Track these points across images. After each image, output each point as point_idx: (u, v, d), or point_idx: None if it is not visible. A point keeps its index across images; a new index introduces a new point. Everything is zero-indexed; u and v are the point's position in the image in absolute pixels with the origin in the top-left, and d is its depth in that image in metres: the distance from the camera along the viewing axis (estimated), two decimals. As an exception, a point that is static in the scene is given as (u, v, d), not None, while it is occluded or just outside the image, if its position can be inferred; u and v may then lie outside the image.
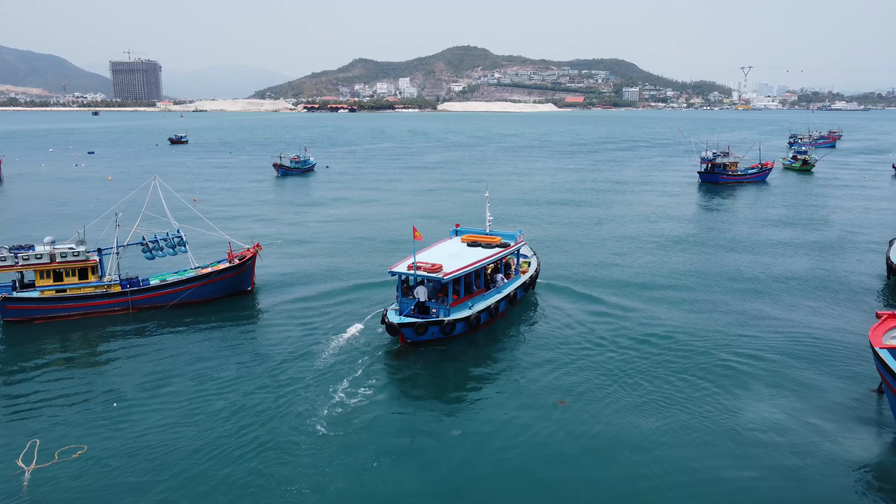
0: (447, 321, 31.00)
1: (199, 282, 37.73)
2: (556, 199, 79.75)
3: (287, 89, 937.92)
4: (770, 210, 71.30)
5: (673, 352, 30.83)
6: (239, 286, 39.70)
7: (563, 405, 25.62)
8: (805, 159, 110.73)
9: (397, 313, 31.75)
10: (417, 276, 31.49)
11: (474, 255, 34.40)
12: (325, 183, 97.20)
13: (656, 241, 55.81)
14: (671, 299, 39.17)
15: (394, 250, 51.69)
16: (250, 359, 30.33)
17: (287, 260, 48.22)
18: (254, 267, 40.31)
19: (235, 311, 37.50)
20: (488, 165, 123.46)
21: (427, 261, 32.51)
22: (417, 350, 30.94)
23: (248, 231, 58.24)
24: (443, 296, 32.04)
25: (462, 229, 40.17)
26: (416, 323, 30.48)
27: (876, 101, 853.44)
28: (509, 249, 36.88)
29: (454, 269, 31.86)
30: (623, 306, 37.28)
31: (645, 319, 35.17)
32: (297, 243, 54.29)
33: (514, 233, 38.99)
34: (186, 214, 47.52)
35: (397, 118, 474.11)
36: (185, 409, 25.26)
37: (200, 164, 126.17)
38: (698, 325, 34.73)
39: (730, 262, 48.12)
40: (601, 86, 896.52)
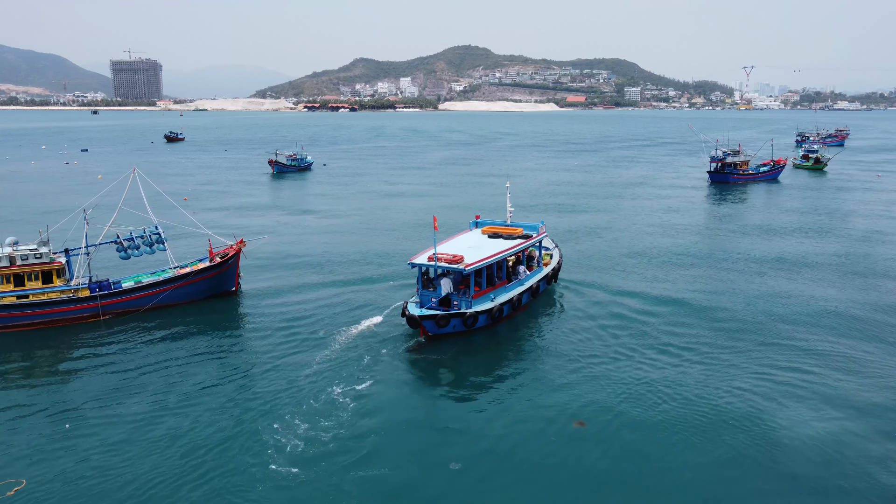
0: (469, 313, 30.02)
1: (177, 283, 34.58)
2: (563, 198, 76.58)
3: (288, 89, 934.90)
4: (789, 210, 68.08)
5: (702, 363, 27.71)
6: (221, 287, 36.55)
7: (581, 427, 22.52)
8: (818, 158, 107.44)
9: (417, 306, 30.53)
10: (438, 267, 30.51)
11: (496, 247, 33.45)
12: (322, 181, 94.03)
13: (670, 241, 52.75)
14: (694, 302, 36.30)
15: (392, 248, 48.64)
16: (231, 367, 27.30)
17: (277, 258, 45.04)
18: (238, 265, 37.14)
19: (217, 314, 34.38)
20: (490, 164, 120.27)
21: (447, 252, 31.58)
22: (438, 344, 29.50)
23: (236, 228, 55.16)
24: (464, 287, 31.18)
25: (482, 221, 39.31)
26: (438, 315, 29.40)
27: (878, 101, 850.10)
28: (531, 241, 35.88)
29: (476, 260, 30.84)
30: (645, 310, 34.66)
31: (668, 326, 32.36)
32: (288, 241, 51.11)
33: (535, 224, 38.09)
34: (168, 209, 44.51)
35: (398, 117, 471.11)
36: (155, 429, 22.17)
37: (195, 161, 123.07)
38: (726, 330, 31.73)
39: (753, 264, 44.92)
40: (603, 85, 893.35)
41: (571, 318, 33.38)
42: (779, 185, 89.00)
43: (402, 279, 40.85)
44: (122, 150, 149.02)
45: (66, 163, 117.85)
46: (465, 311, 30.06)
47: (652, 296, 37.03)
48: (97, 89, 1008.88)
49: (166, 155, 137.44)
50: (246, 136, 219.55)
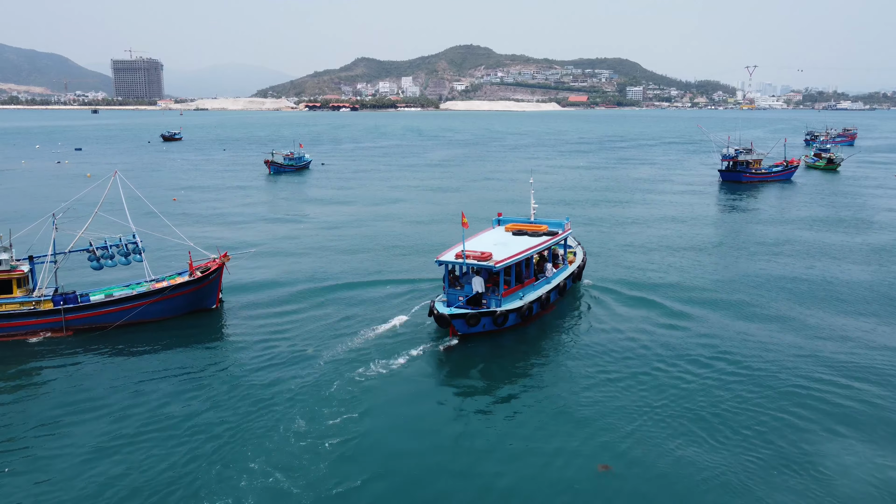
0: (500, 312, 29.21)
1: (151, 298, 31.35)
2: (573, 198, 73.34)
3: (289, 88, 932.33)
4: (808, 212, 64.75)
5: (734, 375, 24.92)
6: (201, 303, 33.33)
7: (606, 470, 19.37)
8: (830, 157, 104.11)
9: (445, 304, 29.70)
10: (467, 264, 29.85)
11: (523, 244, 32.73)
12: (320, 181, 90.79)
13: (687, 242, 49.80)
14: (721, 306, 33.90)
15: (396, 250, 45.43)
16: (205, 390, 24.08)
17: (265, 270, 41.69)
18: (220, 280, 33.91)
19: (195, 331, 31.18)
20: (494, 164, 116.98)
21: (475, 249, 30.76)
22: (467, 345, 28.60)
23: (225, 235, 51.94)
24: (492, 285, 30.38)
25: (505, 218, 38.54)
26: (468, 314, 28.70)
27: (881, 101, 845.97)
28: (558, 237, 35.23)
29: (505, 257, 30.08)
30: (672, 315, 32.92)
31: (697, 336, 30.09)
32: (278, 250, 47.76)
33: (560, 221, 37.28)
34: (149, 217, 41.33)
35: (399, 116, 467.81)
36: (107, 466, 18.97)
37: (190, 161, 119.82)
38: (758, 339, 29.17)
39: (778, 267, 41.67)
40: (605, 85, 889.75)
41: (599, 322, 31.97)
42: (793, 186, 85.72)
43: (412, 282, 38.55)
44: (117, 150, 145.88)
45: (58, 162, 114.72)
46: (495, 310, 29.18)
47: (676, 300, 35.20)
48: (99, 89, 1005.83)
49: (161, 154, 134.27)
50: (245, 135, 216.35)
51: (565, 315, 33.14)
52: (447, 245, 48.23)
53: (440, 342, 28.89)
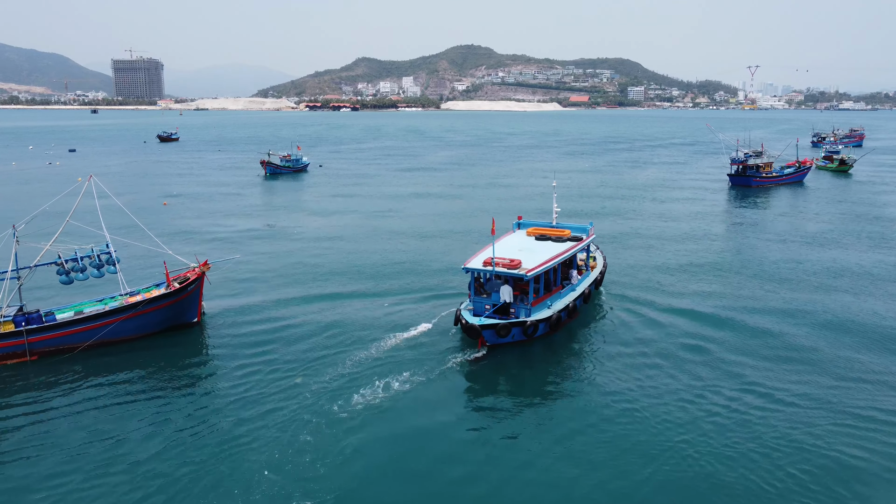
0: (530, 322, 28.17)
1: (124, 314, 28.63)
2: (580, 202, 70.53)
3: (290, 88, 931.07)
4: (824, 219, 61.96)
5: (767, 409, 21.94)
6: (180, 318, 30.62)
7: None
8: (842, 159, 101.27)
9: (471, 313, 28.67)
10: (496, 272, 28.49)
11: (549, 250, 31.79)
12: (317, 184, 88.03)
13: (698, 252, 47.03)
14: (742, 324, 31.49)
15: (396, 262, 42.68)
16: (185, 421, 21.41)
17: (256, 280, 38.98)
18: (201, 291, 31.19)
19: (174, 350, 28.50)
20: (497, 166, 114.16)
21: (502, 256, 29.46)
22: (495, 356, 27.48)
23: (213, 242, 49.16)
24: (519, 294, 29.11)
25: (525, 222, 37.60)
26: (499, 325, 27.61)
27: (883, 101, 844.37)
28: (583, 243, 34.25)
29: (535, 265, 28.99)
30: (697, 324, 31.62)
31: (726, 349, 28.52)
32: (271, 257, 45.04)
33: (584, 225, 36.44)
34: (127, 223, 38.68)
35: (400, 116, 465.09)
36: None
37: (185, 162, 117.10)
38: (794, 361, 26.61)
39: (802, 285, 38.83)
40: (606, 85, 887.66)
41: (621, 334, 30.47)
42: (805, 189, 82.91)
43: (421, 291, 36.48)
44: (112, 151, 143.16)
45: (50, 163, 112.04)
46: (525, 320, 28.10)
47: (700, 311, 33.59)
48: (99, 88, 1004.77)
49: (156, 155, 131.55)
50: (244, 135, 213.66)
51: (589, 323, 31.90)
52: (456, 252, 47.73)
53: (466, 353, 27.58)
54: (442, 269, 41.90)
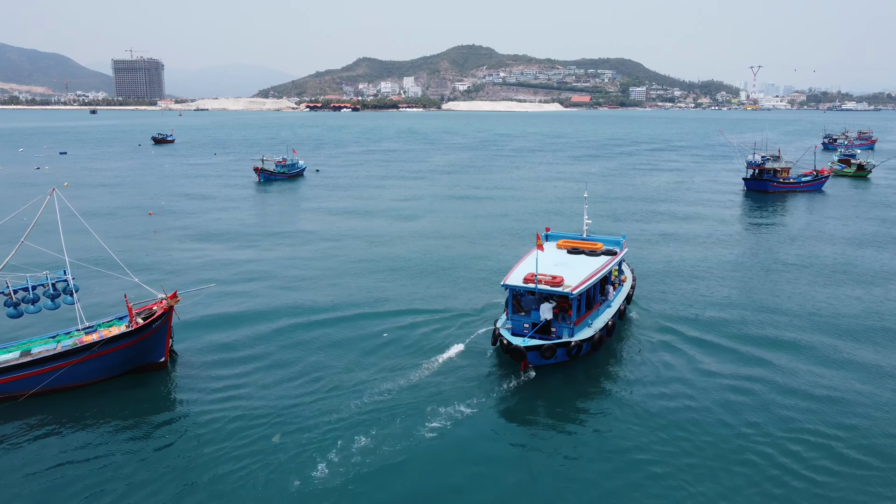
0: (574, 342, 26.85)
1: (77, 357, 24.81)
2: (591, 210, 66.46)
3: (290, 88, 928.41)
4: (849, 228, 58.11)
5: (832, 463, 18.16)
6: (144, 358, 26.76)
7: None
8: (860, 164, 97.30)
9: (510, 332, 27.31)
10: (539, 290, 27.26)
11: (588, 266, 30.46)
12: (314, 191, 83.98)
13: (720, 263, 43.87)
14: (776, 344, 29.10)
15: (401, 279, 38.86)
16: (147, 486, 17.62)
17: (237, 306, 35.06)
18: (169, 327, 27.33)
19: (136, 395, 24.75)
20: (501, 171, 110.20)
21: (539, 272, 27.96)
22: (538, 378, 26.17)
23: (195, 261, 45.18)
24: (559, 311, 27.84)
25: (555, 234, 36.03)
26: (544, 346, 26.11)
27: (886, 102, 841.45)
28: (619, 257, 32.86)
29: (578, 282, 27.71)
30: (725, 349, 29.61)
31: (766, 382, 25.67)
32: (262, 278, 41.17)
33: (618, 238, 35.09)
34: (90, 245, 34.87)
35: (400, 117, 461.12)
36: None
37: (178, 166, 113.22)
38: (843, 406, 22.47)
39: (836, 303, 35.00)
40: (607, 85, 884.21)
41: (661, 353, 28.94)
42: (824, 197, 78.92)
43: (431, 313, 33.37)
44: (104, 154, 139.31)
45: (37, 168, 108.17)
46: (570, 341, 26.80)
47: (726, 334, 31.33)
48: (100, 89, 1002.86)
49: (149, 159, 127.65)
50: (242, 136, 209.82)
51: (625, 341, 30.47)
52: (474, 266, 44.70)
53: (511, 379, 25.94)
54: (462, 285, 38.97)
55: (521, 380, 25.85)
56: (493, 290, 37.54)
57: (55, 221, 28.53)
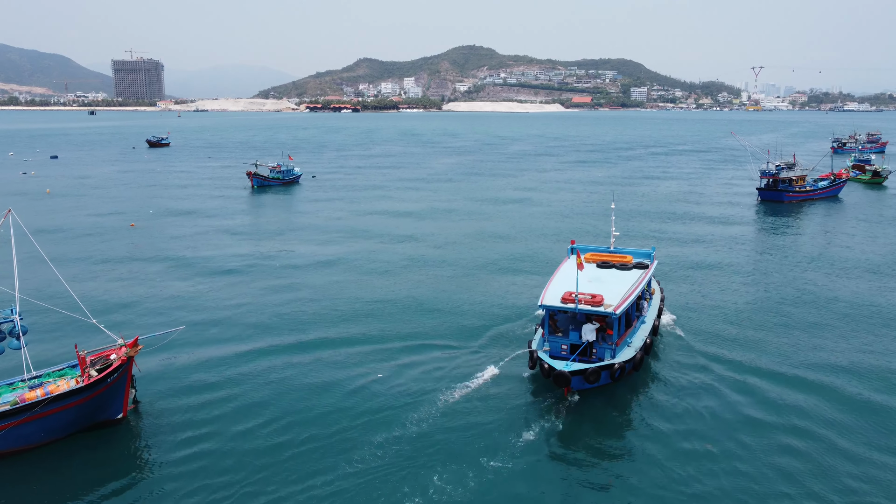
0: (618, 364, 25.71)
1: (18, 418, 21.29)
2: (601, 220, 63.08)
3: (291, 89, 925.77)
4: (878, 243, 54.59)
5: None
6: (99, 414, 23.23)
7: None
8: (876, 170, 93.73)
9: (548, 355, 26.16)
10: (580, 310, 25.88)
11: (623, 281, 29.25)
12: (310, 200, 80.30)
13: (742, 282, 40.73)
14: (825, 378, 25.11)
15: (411, 307, 35.39)
16: None
17: (218, 343, 31.51)
18: (129, 378, 23.81)
19: (87, 461, 21.28)
20: (505, 177, 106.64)
21: (572, 290, 26.72)
22: (581, 403, 24.95)
23: (167, 289, 41.46)
24: (599, 332, 26.57)
25: (581, 246, 34.53)
26: (588, 370, 24.86)
27: (888, 102, 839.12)
28: (651, 271, 31.43)
29: (619, 300, 26.55)
30: (771, 378, 27.34)
31: (812, 418, 22.39)
32: (248, 307, 37.61)
33: (648, 251, 33.82)
34: (47, 277, 31.36)
35: (400, 118, 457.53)
36: None
37: (170, 172, 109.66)
38: None
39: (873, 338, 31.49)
40: (608, 86, 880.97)
41: (699, 374, 27.84)
42: (841, 205, 75.42)
43: (441, 349, 30.46)
44: (97, 158, 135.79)
45: (24, 173, 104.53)
46: (613, 363, 25.62)
47: (770, 357, 29.78)
48: (100, 89, 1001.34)
49: (142, 164, 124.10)
50: (239, 139, 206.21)
51: (661, 358, 29.35)
52: (486, 285, 41.68)
53: (547, 406, 24.66)
54: (480, 304, 36.66)
55: (564, 406, 24.50)
56: (517, 308, 35.95)
57: (9, 247, 25.06)
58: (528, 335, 31.02)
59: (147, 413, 24.39)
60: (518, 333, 32.11)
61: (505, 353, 29.26)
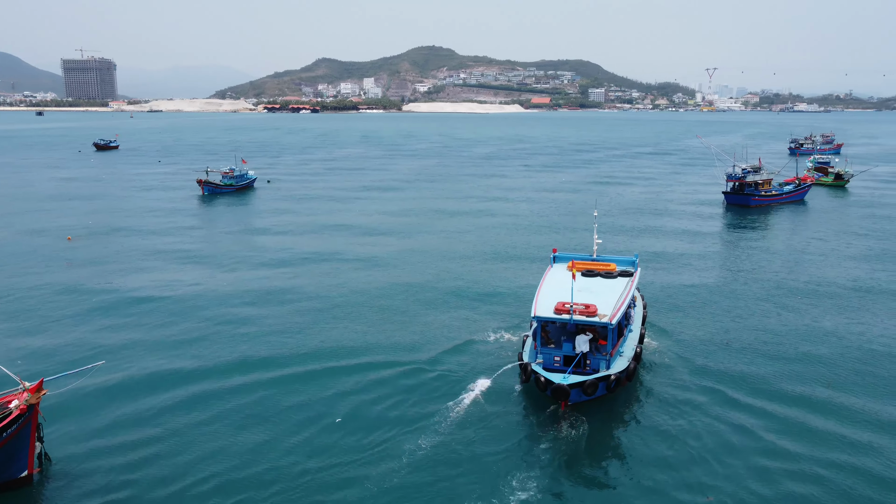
0: (614, 376, 25.40)
1: None
2: (567, 227, 60.81)
3: (249, 89, 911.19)
4: (849, 243, 53.40)
5: None
6: (0, 476, 19.81)
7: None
8: (839, 173, 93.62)
9: (542, 367, 25.65)
10: (576, 321, 25.55)
11: (611, 289, 28.90)
12: (265, 207, 76.33)
13: (716, 284, 39.07)
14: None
15: (371, 321, 32.26)
16: None
17: (149, 381, 28.10)
18: (33, 428, 20.30)
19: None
20: (468, 182, 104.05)
21: (566, 300, 26.25)
22: (577, 417, 24.34)
23: (86, 319, 37.50)
24: (592, 342, 26.27)
25: (563, 255, 34.36)
26: (587, 382, 24.44)
27: (835, 103, 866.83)
28: (636, 279, 30.88)
29: (612, 310, 26.37)
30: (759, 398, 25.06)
31: None
32: (162, 350, 34.08)
33: (631, 258, 33.45)
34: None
35: (359, 119, 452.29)
36: None
37: (116, 178, 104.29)
38: None
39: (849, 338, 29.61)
40: (567, 86, 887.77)
41: (686, 379, 28.08)
42: (806, 209, 74.80)
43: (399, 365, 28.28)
44: (38, 163, 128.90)
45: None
46: (609, 375, 25.25)
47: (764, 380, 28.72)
48: (50, 89, 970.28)
49: (87, 169, 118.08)
50: (193, 141, 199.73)
51: (649, 367, 29.14)
52: (461, 296, 39.66)
53: (544, 420, 24.04)
54: (455, 319, 34.94)
55: (562, 422, 23.91)
56: (500, 318, 34.93)
57: None
58: (513, 345, 30.22)
59: (58, 473, 20.89)
60: (503, 343, 31.30)
61: (494, 364, 28.36)
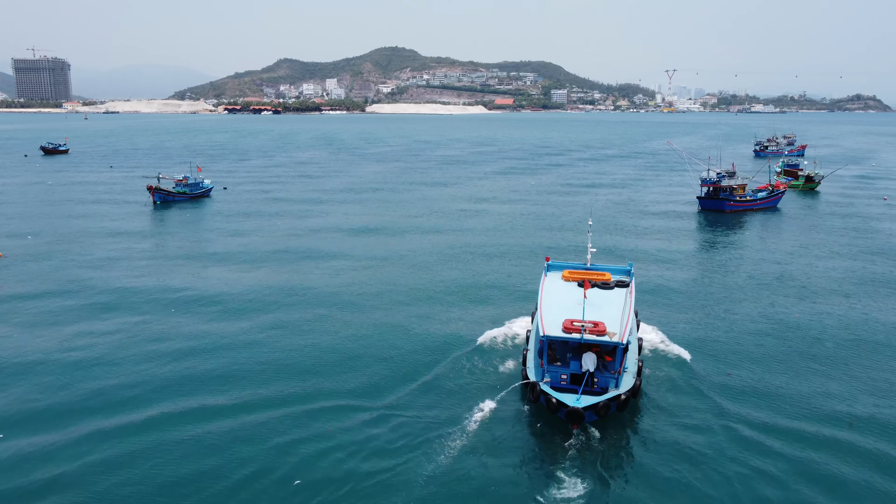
0: (624, 396, 23.96)
1: None
2: (538, 234, 57.95)
3: (208, 90, 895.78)
4: (828, 250, 51.69)
5: None
6: None
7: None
8: (809, 175, 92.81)
9: (549, 386, 24.39)
10: (587, 340, 24.15)
11: (612, 302, 27.70)
12: (220, 217, 71.91)
13: (692, 293, 35.70)
14: None
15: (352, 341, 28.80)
16: None
17: (51, 436, 24.35)
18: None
19: None
20: (433, 188, 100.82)
21: (569, 316, 25.03)
22: (589, 439, 23.05)
23: (9, 349, 33.60)
24: (599, 360, 24.99)
25: (557, 263, 33.47)
26: (600, 403, 23.13)
27: (790, 104, 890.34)
28: (633, 290, 29.84)
29: (621, 326, 25.03)
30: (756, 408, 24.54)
31: None
32: (95, 382, 30.24)
33: (625, 267, 32.67)
34: None
35: (322, 121, 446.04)
36: None
37: (62, 185, 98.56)
38: None
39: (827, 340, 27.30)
40: (530, 88, 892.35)
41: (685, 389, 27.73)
42: (781, 215, 73.46)
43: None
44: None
45: None
46: (619, 394, 24.16)
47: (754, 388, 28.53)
48: (1, 90, 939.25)
49: (32, 175, 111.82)
50: (148, 144, 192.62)
51: (651, 381, 28.37)
52: (443, 316, 36.86)
53: (558, 444, 23.13)
54: (443, 335, 33.21)
55: (575, 443, 23.11)
56: (493, 331, 33.21)
57: None
58: (510, 356, 29.69)
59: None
60: (501, 357, 30.35)
61: (496, 383, 27.41)
